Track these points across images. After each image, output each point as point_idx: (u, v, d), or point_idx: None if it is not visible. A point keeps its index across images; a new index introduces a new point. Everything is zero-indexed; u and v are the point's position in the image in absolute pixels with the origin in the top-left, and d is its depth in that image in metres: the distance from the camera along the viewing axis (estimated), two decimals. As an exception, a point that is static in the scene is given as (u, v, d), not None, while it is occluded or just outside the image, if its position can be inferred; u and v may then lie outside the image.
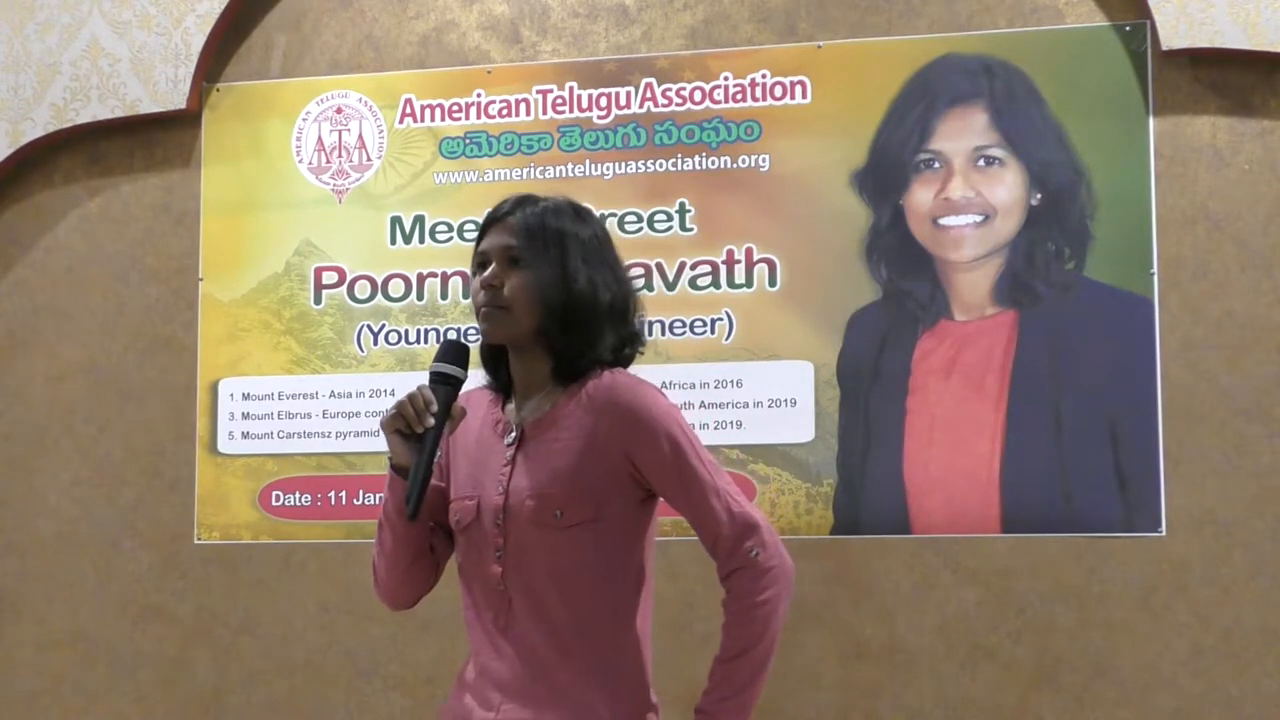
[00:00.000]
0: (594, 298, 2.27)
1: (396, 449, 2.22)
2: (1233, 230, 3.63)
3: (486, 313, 2.26)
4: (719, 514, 2.23)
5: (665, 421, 2.23)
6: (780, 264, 3.83)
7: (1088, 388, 3.63)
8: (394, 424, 2.22)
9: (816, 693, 3.71)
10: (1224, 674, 3.54)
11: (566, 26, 4.01)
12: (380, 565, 2.34)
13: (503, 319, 2.26)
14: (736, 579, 2.21)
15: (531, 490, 2.23)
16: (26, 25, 4.19)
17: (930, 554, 3.68)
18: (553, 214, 2.30)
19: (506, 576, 2.24)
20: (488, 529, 2.26)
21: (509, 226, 2.29)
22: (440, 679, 3.84)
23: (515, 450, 2.28)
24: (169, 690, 4.04)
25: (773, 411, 3.79)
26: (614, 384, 2.26)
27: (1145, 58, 3.68)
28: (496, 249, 2.28)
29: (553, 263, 2.26)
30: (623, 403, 2.24)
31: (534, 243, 2.27)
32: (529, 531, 2.22)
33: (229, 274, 4.11)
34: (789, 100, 3.86)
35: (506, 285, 2.25)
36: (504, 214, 2.31)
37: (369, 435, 3.98)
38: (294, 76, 4.14)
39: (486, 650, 2.27)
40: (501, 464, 2.28)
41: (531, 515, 2.22)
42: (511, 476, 2.26)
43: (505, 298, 2.25)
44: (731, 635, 2.21)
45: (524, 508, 2.22)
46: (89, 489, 4.13)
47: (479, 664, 2.29)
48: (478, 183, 4.00)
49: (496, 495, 2.26)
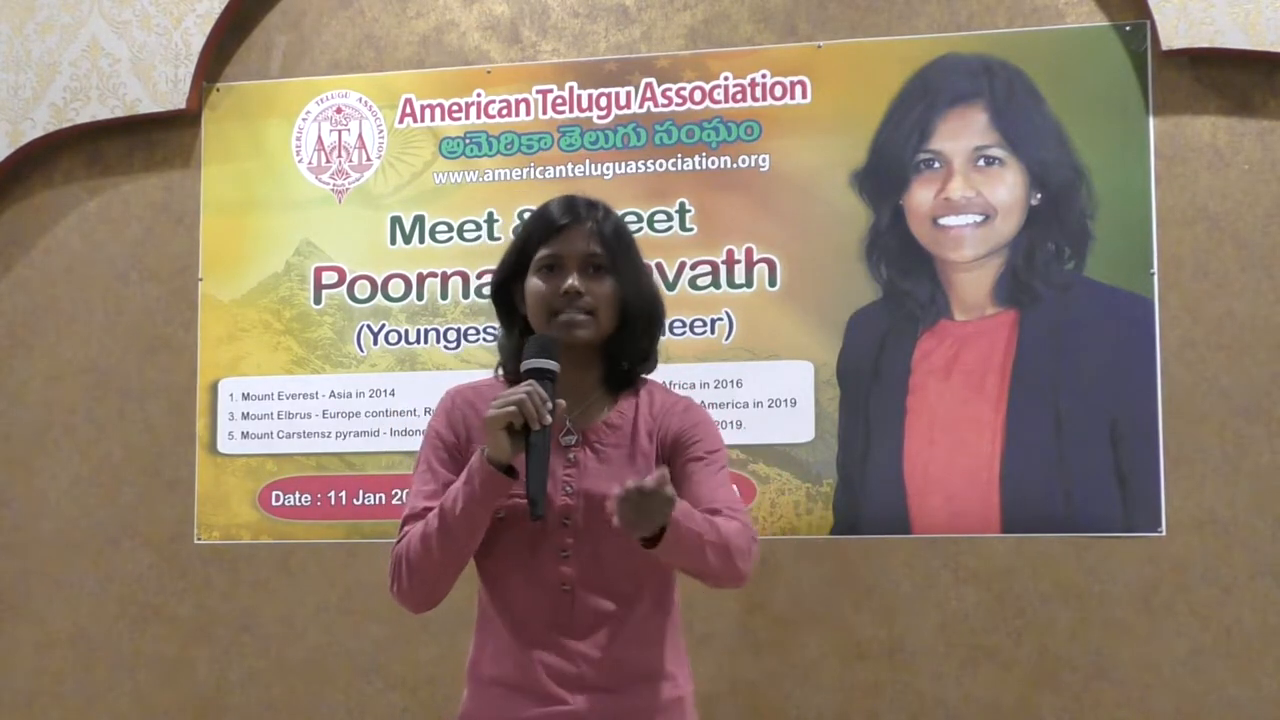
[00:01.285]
0: (659, 302, 2.42)
1: (503, 446, 2.19)
2: (1233, 230, 3.63)
3: (570, 320, 2.31)
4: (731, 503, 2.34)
5: (714, 430, 2.41)
6: (780, 264, 3.83)
7: (1088, 388, 3.63)
8: (506, 419, 2.18)
9: (816, 693, 3.71)
10: (1224, 674, 3.54)
11: (566, 26, 4.01)
12: (428, 566, 2.29)
13: (589, 325, 2.32)
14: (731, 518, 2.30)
15: (610, 492, 2.22)
16: (26, 25, 4.19)
17: (930, 554, 3.68)
18: (619, 219, 2.40)
19: (575, 576, 2.28)
20: (551, 529, 2.28)
21: (587, 232, 2.34)
22: (440, 679, 3.84)
23: (579, 452, 2.32)
24: (169, 690, 4.04)
25: (773, 411, 3.79)
26: (684, 399, 2.43)
27: (1145, 58, 3.68)
28: (577, 255, 2.33)
29: (632, 271, 2.36)
30: (683, 407, 2.40)
31: (616, 249, 2.35)
32: (604, 532, 2.22)
33: (229, 274, 4.11)
34: (789, 100, 3.86)
35: (590, 292, 2.32)
36: (574, 219, 2.35)
37: (369, 435, 3.99)
38: (294, 76, 4.14)
39: (538, 646, 2.29)
40: (563, 465, 2.30)
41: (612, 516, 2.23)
42: (578, 478, 2.30)
43: (590, 304, 2.32)
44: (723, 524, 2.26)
45: (604, 509, 2.21)
46: (89, 489, 4.13)
47: (529, 659, 2.29)
48: (478, 183, 4.00)
49: (563, 496, 2.29)
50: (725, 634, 3.74)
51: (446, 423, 2.39)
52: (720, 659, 3.74)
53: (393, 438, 3.97)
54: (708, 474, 2.33)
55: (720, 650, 3.74)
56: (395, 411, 3.97)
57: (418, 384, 3.95)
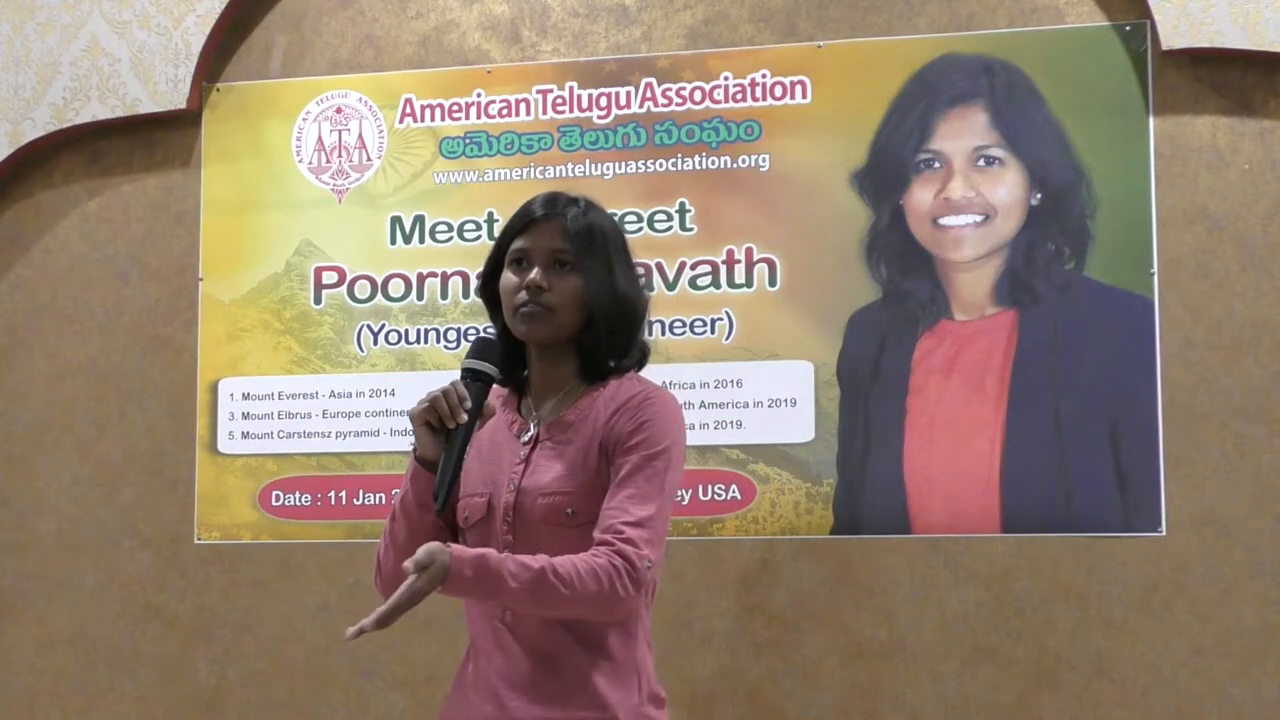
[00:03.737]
0: (634, 302, 2.33)
1: (424, 442, 2.22)
2: (1233, 230, 3.63)
3: (530, 313, 2.28)
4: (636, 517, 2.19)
5: (665, 425, 2.26)
6: (780, 264, 3.83)
7: (1088, 388, 3.63)
8: (425, 417, 2.21)
9: (816, 693, 3.71)
10: (1224, 674, 3.54)
11: (566, 26, 4.01)
12: (388, 558, 2.33)
13: (548, 320, 2.28)
14: (608, 548, 2.17)
15: (544, 488, 2.25)
16: (26, 25, 4.19)
17: (930, 554, 3.68)
18: (597, 216, 2.33)
19: None
20: (497, 526, 2.28)
21: (556, 228, 2.30)
22: (440, 679, 3.84)
23: (531, 449, 2.30)
24: (169, 690, 4.04)
25: (773, 411, 3.79)
26: (645, 390, 2.30)
27: (1145, 58, 3.68)
28: (543, 250, 2.30)
29: (600, 267, 2.30)
30: (639, 400, 2.27)
31: (582, 246, 2.29)
32: (540, 529, 2.23)
33: (229, 274, 4.11)
34: (789, 100, 3.86)
35: (553, 288, 2.28)
36: (548, 214, 2.31)
37: (369, 435, 3.99)
38: (294, 76, 4.14)
39: (491, 648, 2.28)
40: (515, 462, 2.29)
41: (544, 513, 2.24)
42: (524, 474, 2.28)
43: (551, 300, 2.28)
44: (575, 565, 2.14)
45: (536, 506, 2.24)
46: (89, 489, 4.13)
47: (483, 662, 2.29)
48: (478, 183, 4.00)
49: (508, 492, 2.28)
50: (725, 634, 3.74)
51: None
52: (720, 659, 3.74)
53: (393, 438, 3.97)
54: (626, 482, 2.22)
55: (720, 650, 3.74)
56: (395, 411, 3.97)
57: (418, 384, 3.94)
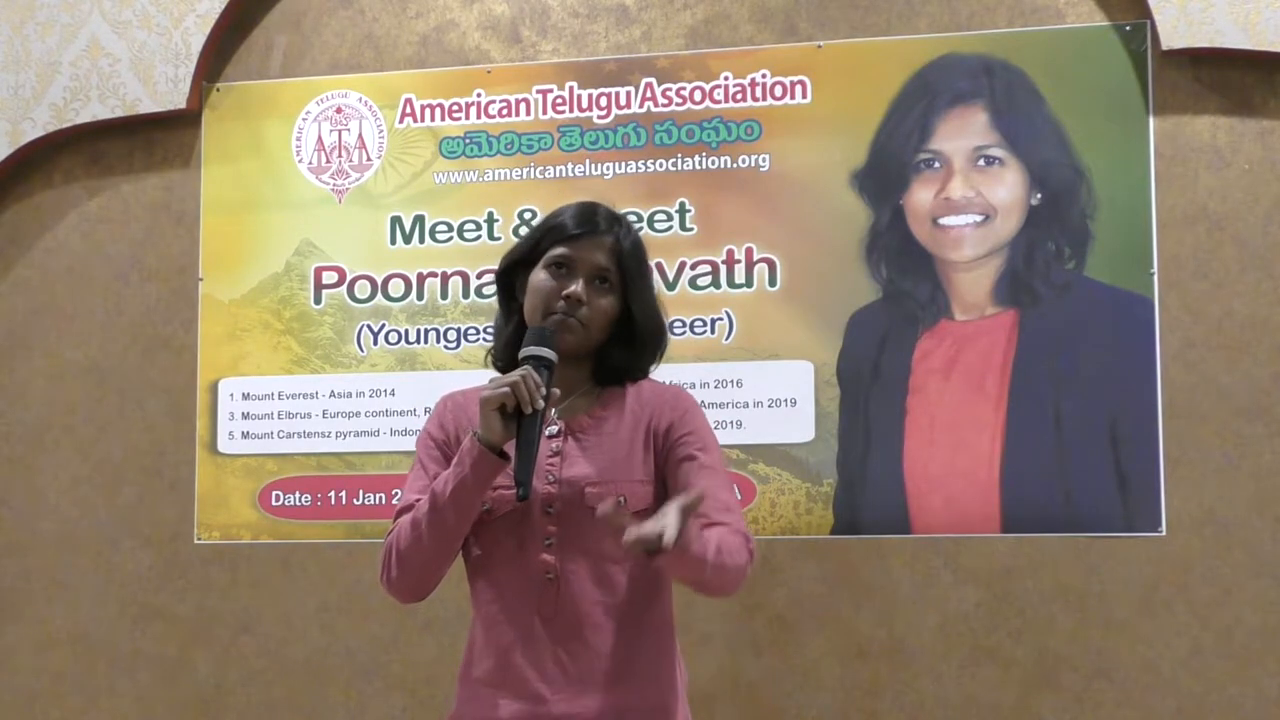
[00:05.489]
0: (659, 325, 2.42)
1: (496, 428, 2.22)
2: (1233, 230, 3.63)
3: (563, 322, 2.32)
4: (728, 504, 2.33)
5: (703, 420, 2.40)
6: (780, 264, 3.83)
7: (1087, 388, 3.63)
8: (499, 401, 2.21)
9: (816, 693, 3.71)
10: (1224, 674, 3.54)
11: (566, 26, 4.01)
12: (416, 553, 2.30)
13: (579, 333, 2.34)
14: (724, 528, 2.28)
15: (592, 479, 2.29)
16: (26, 25, 4.19)
17: (930, 554, 3.68)
18: (639, 238, 2.41)
19: (559, 564, 2.28)
20: (535, 518, 2.29)
21: (605, 246, 2.36)
22: (440, 679, 3.84)
23: (562, 442, 2.33)
24: (169, 690, 4.04)
25: (773, 411, 3.79)
26: (672, 388, 2.43)
27: (1145, 58, 3.68)
28: (588, 264, 2.35)
29: (644, 290, 2.39)
30: (673, 395, 2.41)
31: (626, 271, 2.37)
32: (588, 519, 2.24)
33: (229, 274, 4.11)
34: (789, 100, 3.86)
35: (590, 303, 2.33)
36: (599, 230, 2.37)
37: (369, 435, 3.99)
38: (294, 76, 4.14)
39: (521, 641, 2.29)
40: (546, 455, 2.31)
41: (594, 503, 2.25)
42: (562, 467, 2.30)
43: (586, 315, 2.33)
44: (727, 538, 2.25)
45: (584, 496, 2.28)
46: (89, 489, 4.13)
47: (511, 656, 2.29)
48: (478, 182, 4.00)
49: (547, 485, 2.30)
50: (725, 634, 3.74)
51: (438, 424, 2.42)
52: (720, 659, 3.74)
53: (393, 438, 3.97)
54: (705, 475, 2.31)
55: (720, 650, 3.74)
56: (395, 411, 3.97)
57: (418, 384, 3.95)
